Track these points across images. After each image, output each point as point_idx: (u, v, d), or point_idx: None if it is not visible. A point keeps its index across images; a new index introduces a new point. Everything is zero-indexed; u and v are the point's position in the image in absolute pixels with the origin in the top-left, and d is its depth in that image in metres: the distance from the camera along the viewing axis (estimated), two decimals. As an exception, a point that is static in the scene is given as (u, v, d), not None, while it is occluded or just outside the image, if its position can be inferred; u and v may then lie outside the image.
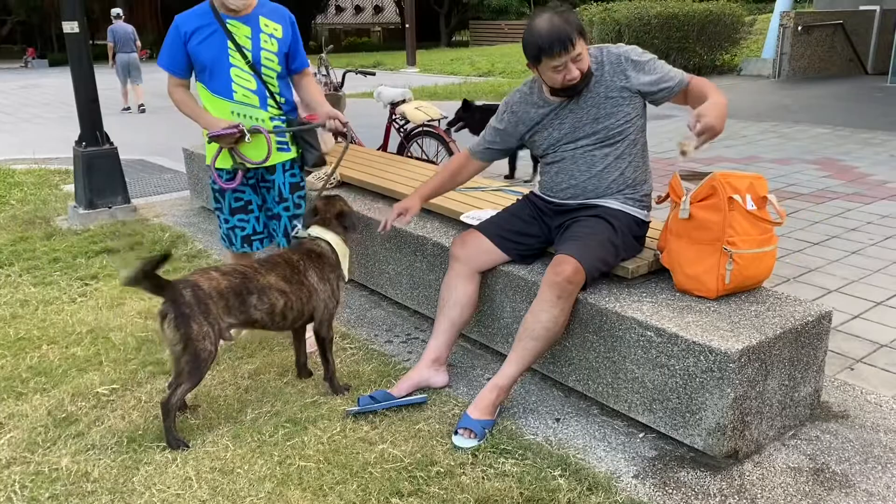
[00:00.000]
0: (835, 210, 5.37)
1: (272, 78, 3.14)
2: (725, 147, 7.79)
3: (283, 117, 3.20)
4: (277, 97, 3.17)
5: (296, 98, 3.35)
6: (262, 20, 3.09)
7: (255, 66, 3.08)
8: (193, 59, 3.07)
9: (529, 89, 2.97)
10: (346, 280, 2.99)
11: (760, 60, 14.54)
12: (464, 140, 4.82)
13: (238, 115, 3.10)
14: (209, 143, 3.11)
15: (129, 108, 13.21)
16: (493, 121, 3.09)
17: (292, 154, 3.25)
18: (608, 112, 2.80)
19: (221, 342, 2.66)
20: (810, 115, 9.57)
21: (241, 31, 3.05)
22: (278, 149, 3.18)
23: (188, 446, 2.60)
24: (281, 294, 2.74)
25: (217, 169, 3.19)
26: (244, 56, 3.05)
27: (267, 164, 3.15)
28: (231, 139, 3.05)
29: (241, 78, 3.08)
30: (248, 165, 3.15)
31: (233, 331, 2.76)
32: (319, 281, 2.86)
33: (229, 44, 3.03)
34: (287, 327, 2.88)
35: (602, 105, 2.80)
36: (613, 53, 2.81)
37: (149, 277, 2.47)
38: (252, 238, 3.32)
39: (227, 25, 3.03)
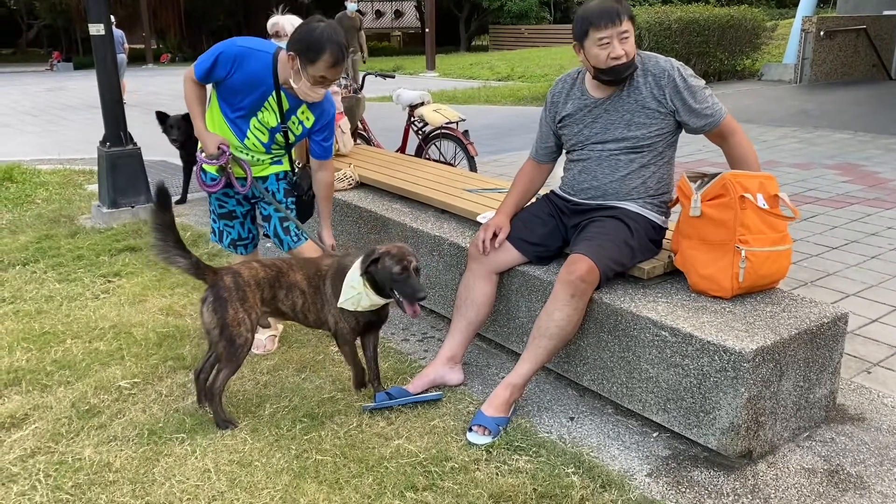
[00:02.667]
0: (854, 215, 5.34)
1: (281, 146, 3.19)
2: (745, 152, 7.74)
3: (283, 153, 3.27)
4: (281, 149, 3.22)
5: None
6: (303, 107, 3.09)
7: (273, 132, 3.12)
8: (230, 87, 3.02)
9: (573, 80, 2.98)
10: (336, 304, 2.76)
11: (782, 65, 14.44)
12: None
13: (241, 151, 3.15)
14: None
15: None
16: (541, 115, 3.11)
17: (284, 167, 3.31)
18: (641, 122, 2.81)
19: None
20: (831, 121, 9.50)
21: (283, 103, 3.07)
22: (272, 162, 3.25)
23: (236, 425, 2.71)
24: (301, 294, 2.81)
25: (203, 171, 3.19)
26: (273, 116, 3.09)
27: (245, 190, 3.16)
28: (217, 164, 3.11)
29: (258, 130, 3.12)
30: (235, 185, 3.15)
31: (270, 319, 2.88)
32: (332, 295, 2.80)
33: (271, 102, 3.04)
34: (313, 326, 2.93)
35: (637, 113, 2.81)
36: (661, 66, 2.79)
37: (196, 263, 2.66)
38: (237, 243, 3.37)
39: (281, 91, 3.03)
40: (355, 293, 2.72)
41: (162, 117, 5.74)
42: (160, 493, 2.35)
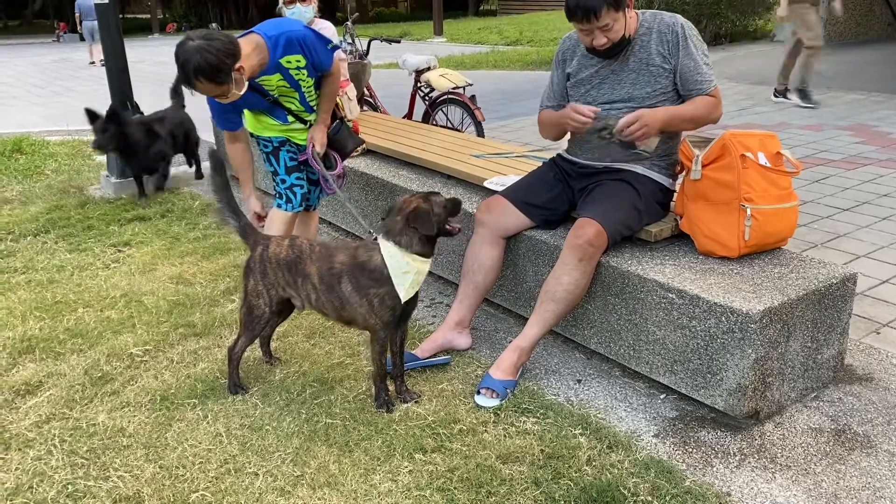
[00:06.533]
0: (866, 176, 5.28)
1: (312, 91, 3.23)
2: (756, 114, 7.66)
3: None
4: (315, 101, 3.28)
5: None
6: (283, 61, 3.03)
7: (299, 94, 3.18)
8: (247, 109, 3.19)
9: (578, 36, 2.94)
10: (403, 301, 2.51)
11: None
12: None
13: (290, 130, 3.29)
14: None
15: (94, 62, 15.80)
16: (552, 75, 3.06)
17: None
18: (646, 80, 2.78)
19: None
20: (845, 81, 9.35)
21: (274, 81, 3.06)
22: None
23: (247, 391, 2.74)
24: (313, 289, 2.61)
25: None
26: (284, 88, 3.13)
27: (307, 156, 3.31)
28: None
29: (293, 105, 3.20)
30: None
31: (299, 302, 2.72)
32: (354, 292, 2.52)
33: (269, 87, 3.08)
34: (338, 322, 2.70)
35: (642, 71, 2.78)
36: (666, 23, 2.77)
37: (245, 226, 2.72)
38: (307, 196, 3.41)
39: (260, 83, 3.03)
40: (412, 275, 2.48)
41: (92, 117, 5.06)
42: (173, 457, 2.39)
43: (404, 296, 2.49)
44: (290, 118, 3.22)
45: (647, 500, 2.14)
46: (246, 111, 3.25)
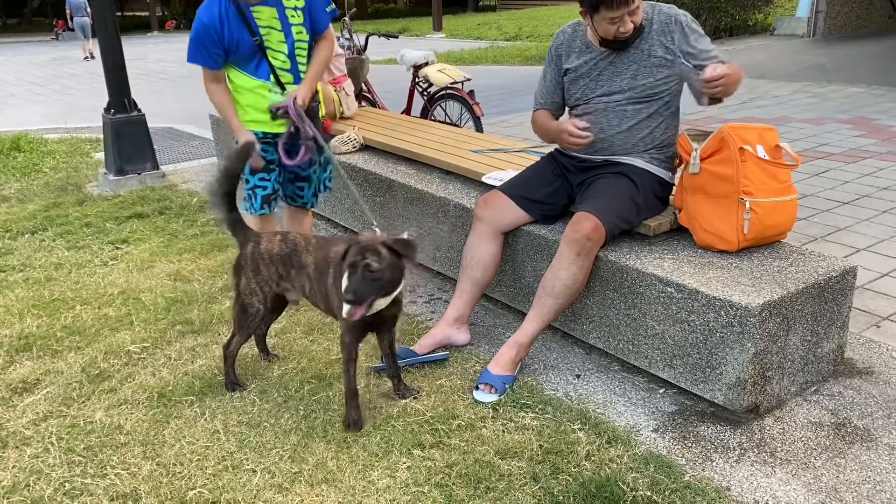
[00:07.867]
0: (867, 169, 5.27)
1: (304, 50, 3.16)
2: (756, 108, 7.65)
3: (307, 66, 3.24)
4: (304, 70, 3.20)
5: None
6: None
7: (287, 44, 3.09)
8: (230, 52, 3.06)
9: (573, 31, 2.92)
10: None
11: (795, 19, 14.17)
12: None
13: (277, 93, 3.17)
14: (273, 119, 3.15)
15: (90, 58, 16.61)
16: (545, 71, 3.05)
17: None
18: (647, 71, 2.77)
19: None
20: (845, 75, 9.33)
21: (267, 15, 3.02)
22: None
23: (245, 388, 2.73)
24: (307, 279, 2.62)
25: (287, 151, 3.21)
26: (273, 32, 3.06)
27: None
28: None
29: (277, 59, 3.10)
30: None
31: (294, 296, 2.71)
32: (333, 285, 2.52)
33: (260, 20, 3.02)
34: (326, 312, 2.67)
35: (644, 62, 2.77)
36: (665, 13, 2.77)
37: (236, 221, 2.65)
38: (271, 198, 3.30)
39: (253, 13, 2.99)
40: None
41: None
42: (170, 454, 2.38)
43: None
44: (271, 77, 3.11)
45: (647, 494, 2.13)
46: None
